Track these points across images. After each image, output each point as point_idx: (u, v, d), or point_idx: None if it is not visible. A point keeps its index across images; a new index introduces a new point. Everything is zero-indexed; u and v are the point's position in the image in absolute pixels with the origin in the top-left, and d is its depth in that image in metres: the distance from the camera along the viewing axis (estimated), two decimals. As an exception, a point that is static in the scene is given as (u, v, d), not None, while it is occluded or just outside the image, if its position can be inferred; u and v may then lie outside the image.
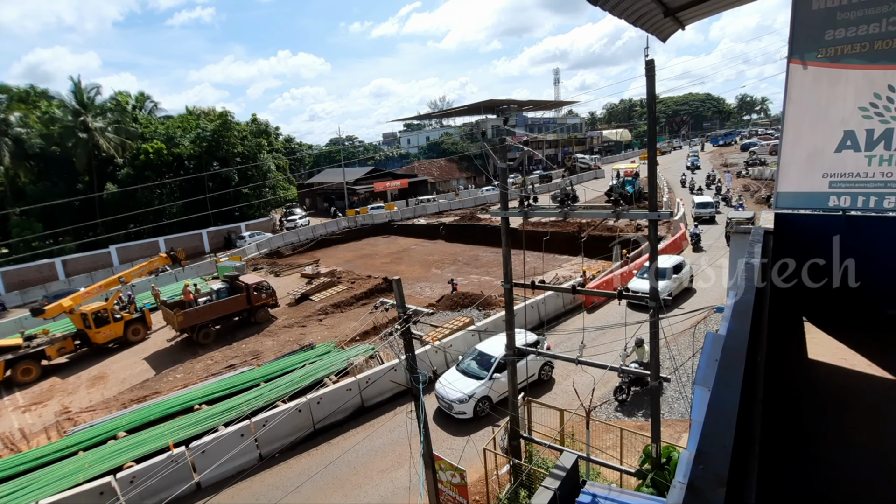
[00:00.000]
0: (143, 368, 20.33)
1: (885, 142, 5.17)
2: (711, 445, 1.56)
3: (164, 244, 40.27)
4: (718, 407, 1.77)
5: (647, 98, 7.66)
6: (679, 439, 11.08)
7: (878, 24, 4.99)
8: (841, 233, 5.25)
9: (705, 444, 1.56)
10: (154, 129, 46.26)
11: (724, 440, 1.58)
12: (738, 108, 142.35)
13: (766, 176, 43.99)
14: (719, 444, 1.56)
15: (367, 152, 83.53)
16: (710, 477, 1.42)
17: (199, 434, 13.03)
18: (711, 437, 1.59)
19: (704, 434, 1.61)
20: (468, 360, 14.30)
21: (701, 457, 1.51)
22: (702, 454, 1.52)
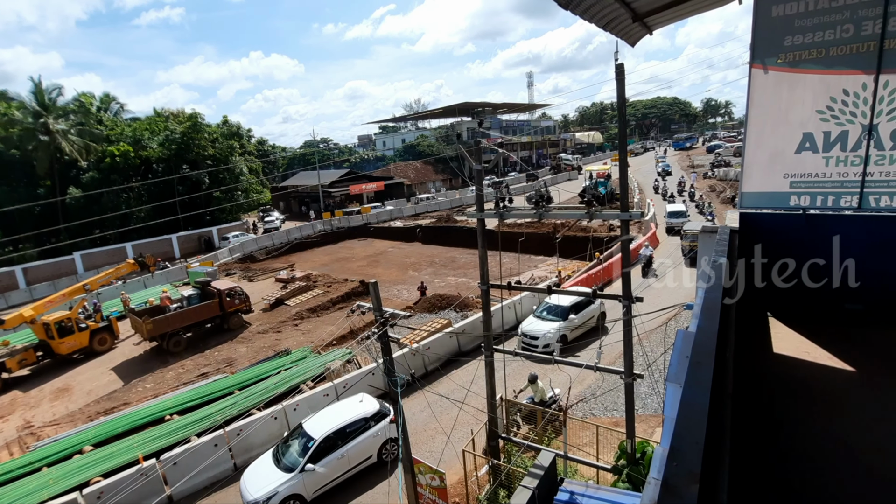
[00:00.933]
0: (111, 379, 19.61)
1: (840, 143, 5.41)
2: (684, 442, 1.59)
3: (131, 250, 38.95)
4: (690, 403, 1.81)
5: (617, 101, 7.83)
6: (653, 434, 11.32)
7: (833, 31, 5.22)
8: (801, 231, 5.47)
9: (678, 441, 1.59)
10: (120, 132, 44.79)
11: (697, 436, 1.61)
12: (704, 111, 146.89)
13: (730, 177, 45.49)
14: (692, 440, 1.59)
15: (343, 154, 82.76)
16: (683, 474, 1.45)
17: (171, 445, 12.63)
18: (684, 434, 1.62)
19: (677, 431, 1.65)
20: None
21: (674, 454, 1.54)
22: (675, 451, 1.55)
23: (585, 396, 13.26)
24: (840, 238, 5.43)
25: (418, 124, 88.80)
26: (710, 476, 1.56)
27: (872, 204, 5.38)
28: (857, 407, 3.77)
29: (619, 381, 9.15)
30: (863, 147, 5.33)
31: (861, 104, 5.26)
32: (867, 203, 5.38)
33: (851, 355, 4.53)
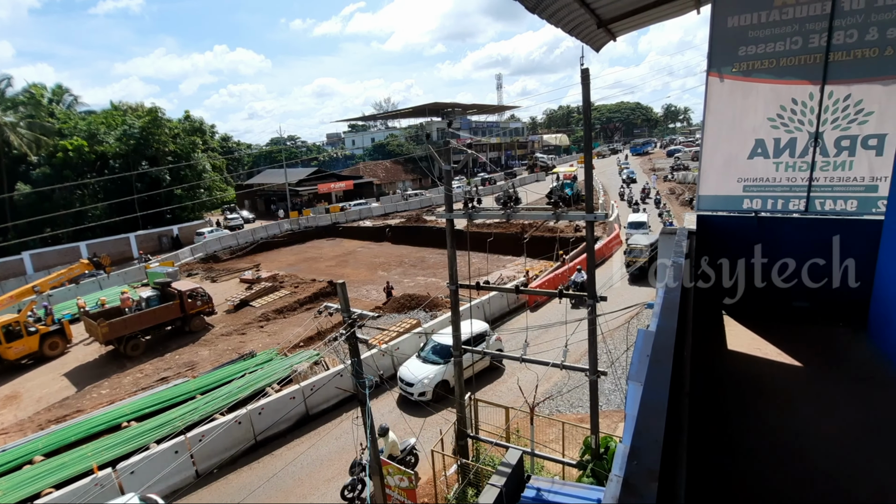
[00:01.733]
0: (63, 385, 18.63)
1: (789, 150, 5.70)
2: (644, 440, 1.64)
3: (85, 249, 37.07)
4: (650, 402, 1.86)
5: (583, 105, 8.00)
6: (616, 429, 11.64)
7: (783, 43, 5.50)
8: (753, 232, 5.73)
9: (638, 440, 1.64)
10: (74, 125, 42.53)
11: (656, 435, 1.66)
12: (664, 116, 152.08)
13: (688, 180, 47.23)
14: (651, 438, 1.64)
15: (311, 153, 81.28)
16: (643, 472, 1.49)
17: (128, 453, 12.13)
18: (644, 433, 1.67)
19: (637, 430, 1.69)
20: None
21: (634, 452, 1.58)
22: (635, 449, 1.59)
23: (552, 394, 13.50)
24: (788, 239, 5.73)
25: (388, 123, 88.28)
26: (668, 474, 1.62)
27: (818, 207, 5.69)
28: (804, 401, 3.99)
29: (584, 378, 9.36)
30: (809, 154, 5.64)
31: (808, 113, 5.56)
32: (813, 207, 5.70)
33: (799, 351, 4.78)
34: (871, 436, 3.46)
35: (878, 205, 5.51)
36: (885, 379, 4.23)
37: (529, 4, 4.50)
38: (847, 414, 3.77)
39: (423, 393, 13.83)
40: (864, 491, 2.94)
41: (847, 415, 3.76)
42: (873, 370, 4.44)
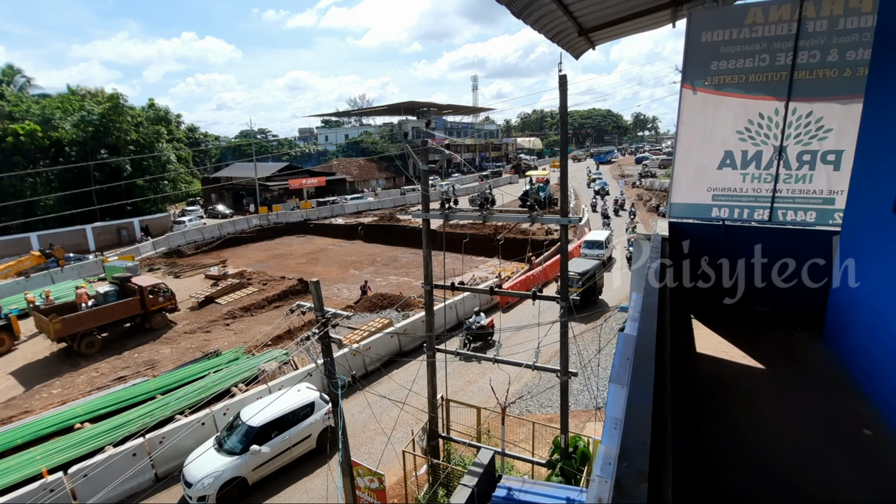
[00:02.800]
0: (9, 384, 17.60)
1: (755, 162, 5.97)
2: (633, 442, 1.68)
3: (37, 241, 35.13)
4: (635, 405, 1.91)
5: (559, 110, 8.14)
6: (583, 429, 11.89)
7: (752, 60, 5.75)
8: (721, 240, 5.98)
9: (627, 441, 1.68)
10: (26, 109, 40.18)
11: (643, 436, 1.71)
12: (634, 124, 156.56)
13: (655, 187, 48.67)
14: (639, 440, 1.68)
15: (282, 147, 79.55)
16: (633, 473, 1.53)
17: (82, 457, 11.55)
18: (632, 434, 1.71)
19: (626, 431, 1.73)
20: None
21: (624, 454, 1.62)
22: (625, 451, 1.63)
23: (523, 394, 13.67)
24: (752, 247, 5.99)
25: (362, 120, 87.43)
26: (655, 475, 1.66)
27: (780, 217, 5.99)
28: (767, 402, 4.17)
29: (554, 378, 9.53)
30: (774, 166, 5.92)
31: (773, 127, 5.83)
32: (776, 217, 5.98)
33: (761, 354, 5.01)
34: (827, 434, 3.66)
35: (834, 216, 5.83)
36: (839, 381, 4.48)
37: (515, 9, 4.55)
38: (806, 414, 3.97)
39: (204, 497, 10.33)
40: (821, 488, 3.10)
41: (806, 414, 3.96)
42: (829, 372, 4.70)
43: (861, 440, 3.53)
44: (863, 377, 4.12)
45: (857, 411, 3.87)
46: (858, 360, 4.41)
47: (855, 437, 3.58)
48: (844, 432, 3.65)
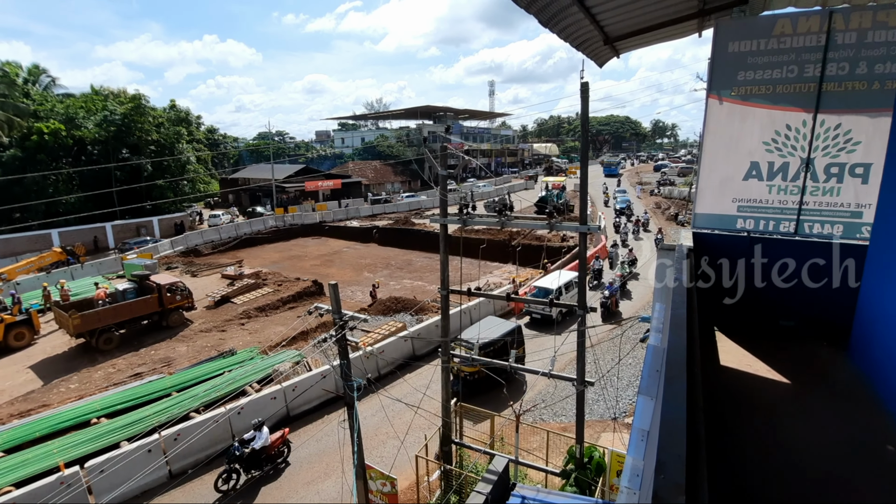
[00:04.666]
0: (29, 378, 17.98)
1: (782, 173, 5.89)
2: (668, 455, 1.67)
3: (58, 237, 35.93)
4: (669, 417, 1.90)
5: (581, 117, 8.11)
6: (598, 439, 11.76)
7: (780, 71, 5.70)
8: (745, 252, 5.89)
9: (663, 454, 1.67)
10: (51, 108, 41.28)
11: (678, 449, 1.70)
12: (652, 131, 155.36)
13: (674, 195, 48.15)
14: (675, 453, 1.67)
15: (299, 149, 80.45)
16: (670, 486, 1.53)
17: (98, 451, 11.73)
18: (668, 448, 1.70)
19: (661, 444, 1.73)
20: None
21: (661, 466, 1.61)
22: (661, 464, 1.62)
23: (537, 402, 13.57)
24: (778, 259, 5.91)
25: (379, 124, 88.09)
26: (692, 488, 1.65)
27: (807, 230, 5.89)
28: (793, 417, 4.10)
29: (569, 387, 9.43)
30: (801, 178, 5.84)
31: (801, 139, 5.75)
32: (802, 229, 5.89)
33: (786, 368, 4.92)
34: (854, 452, 3.59)
35: (862, 230, 5.72)
36: (865, 397, 4.38)
37: (543, 18, 4.57)
38: (831, 430, 3.90)
39: None
40: None
41: (831, 430, 3.89)
42: (855, 389, 4.60)
43: (887, 457, 3.47)
44: (890, 394, 4.03)
45: (884, 428, 3.79)
46: (886, 376, 4.31)
47: (881, 454, 3.52)
48: (870, 448, 3.58)
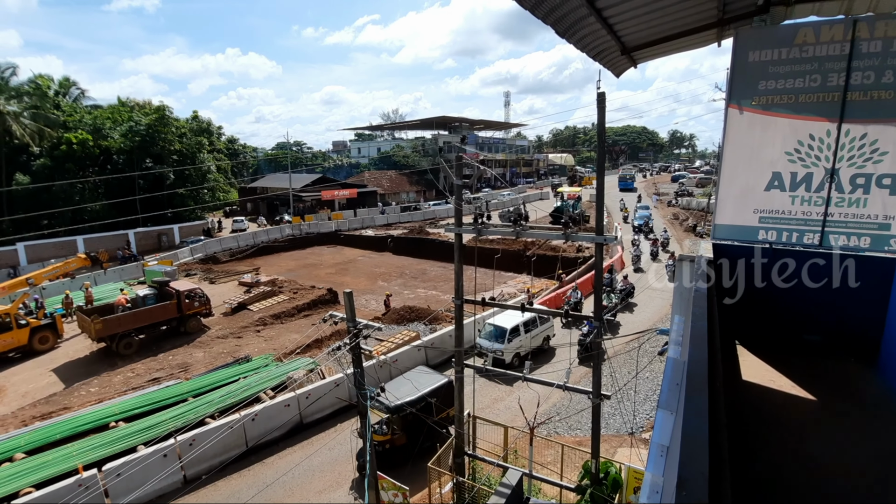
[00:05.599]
0: (51, 381, 18.36)
1: (805, 184, 5.75)
2: (690, 472, 1.62)
3: (83, 244, 36.87)
4: (691, 434, 1.84)
5: (597, 128, 8.07)
6: (615, 454, 11.51)
7: (803, 80, 5.59)
8: (767, 264, 5.75)
9: (685, 471, 1.62)
10: (79, 119, 42.65)
11: (701, 466, 1.65)
12: (670, 142, 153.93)
13: (692, 206, 47.46)
14: (697, 470, 1.62)
15: (316, 159, 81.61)
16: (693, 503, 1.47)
17: (115, 455, 11.90)
18: (690, 464, 1.65)
19: (683, 461, 1.67)
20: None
21: (682, 483, 1.56)
22: (683, 481, 1.57)
23: (552, 415, 13.36)
24: (802, 272, 5.75)
25: (395, 134, 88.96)
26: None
27: (832, 243, 5.73)
28: (819, 435, 3.96)
29: (584, 400, 9.27)
30: (825, 189, 5.69)
31: (825, 149, 5.62)
32: (827, 241, 5.73)
33: (812, 385, 4.76)
34: (885, 473, 3.43)
35: (890, 243, 5.54)
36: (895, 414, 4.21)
37: (560, 29, 4.57)
38: (862, 449, 3.74)
39: None
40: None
41: (862, 450, 3.73)
42: (885, 406, 4.43)
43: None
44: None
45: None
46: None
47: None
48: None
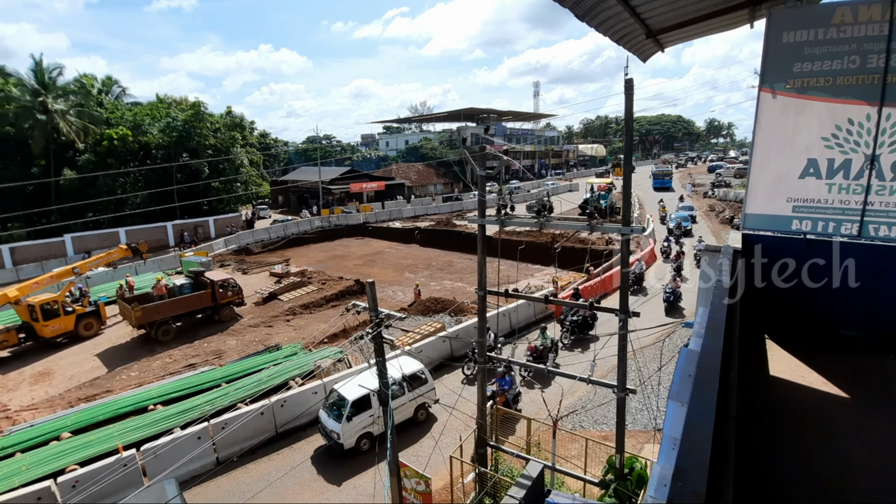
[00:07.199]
0: (95, 365, 19.36)
1: (843, 171, 5.45)
2: (689, 462, 1.58)
3: (124, 235, 38.60)
4: (695, 424, 1.79)
5: (625, 115, 7.85)
6: (641, 450, 11.30)
7: (841, 62, 5.28)
8: (801, 255, 5.49)
9: (683, 461, 1.57)
10: (120, 116, 44.45)
11: (701, 457, 1.60)
12: (707, 131, 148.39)
13: (729, 197, 45.75)
14: (697, 461, 1.57)
15: (345, 152, 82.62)
16: (688, 494, 1.43)
17: (153, 436, 12.47)
18: (689, 455, 1.60)
19: (682, 451, 1.63)
20: None
21: (679, 474, 1.52)
22: (680, 471, 1.53)
23: (576, 408, 13.23)
24: (839, 264, 5.47)
25: (422, 127, 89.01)
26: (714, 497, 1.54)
27: (872, 233, 5.42)
28: (850, 434, 3.77)
29: (610, 394, 9.12)
30: (864, 176, 5.38)
31: (864, 134, 5.31)
32: (867, 232, 5.42)
33: (846, 381, 4.54)
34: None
35: (938, 233, 5.21)
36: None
37: (579, 12, 4.46)
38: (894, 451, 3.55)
39: None
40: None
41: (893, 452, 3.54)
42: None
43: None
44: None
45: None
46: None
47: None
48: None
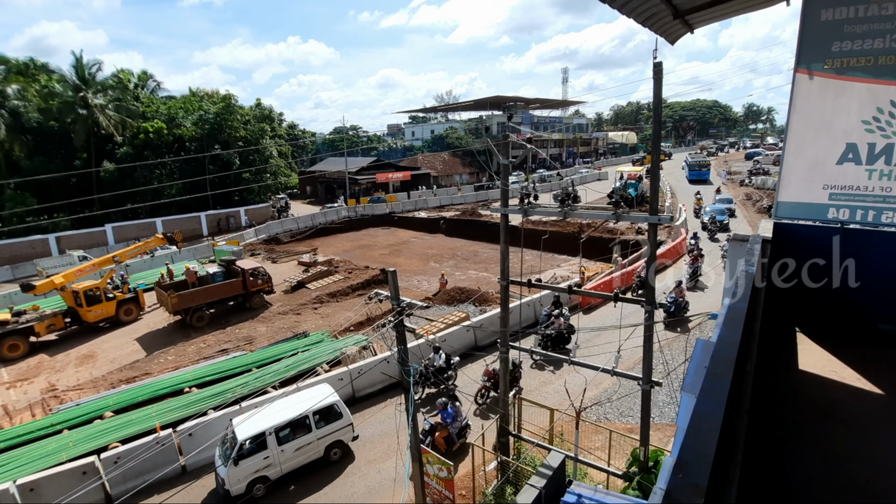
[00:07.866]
0: (134, 349, 20.31)
1: (885, 156, 5.14)
2: (692, 454, 1.54)
3: (161, 225, 40.10)
4: (703, 415, 1.74)
5: (653, 100, 7.61)
6: (668, 444, 11.11)
7: (883, 40, 4.95)
8: (838, 245, 5.23)
9: (686, 453, 1.54)
10: (155, 109, 45.96)
11: (706, 449, 1.56)
12: (745, 116, 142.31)
13: (767, 185, 43.95)
14: (700, 453, 1.53)
15: (371, 143, 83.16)
16: (688, 486, 1.40)
17: (188, 417, 13.01)
18: (693, 446, 1.56)
19: (686, 442, 1.59)
20: None
21: (681, 465, 1.48)
22: (682, 462, 1.50)
23: (600, 400, 13.09)
24: (878, 256, 5.18)
25: (448, 116, 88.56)
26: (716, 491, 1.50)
27: (917, 222, 5.10)
28: (884, 433, 3.61)
29: (637, 386, 8.98)
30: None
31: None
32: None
33: (883, 378, 4.33)
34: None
35: None
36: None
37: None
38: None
39: None
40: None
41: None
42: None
43: None
44: None
45: None
46: None
47: None
48: None
